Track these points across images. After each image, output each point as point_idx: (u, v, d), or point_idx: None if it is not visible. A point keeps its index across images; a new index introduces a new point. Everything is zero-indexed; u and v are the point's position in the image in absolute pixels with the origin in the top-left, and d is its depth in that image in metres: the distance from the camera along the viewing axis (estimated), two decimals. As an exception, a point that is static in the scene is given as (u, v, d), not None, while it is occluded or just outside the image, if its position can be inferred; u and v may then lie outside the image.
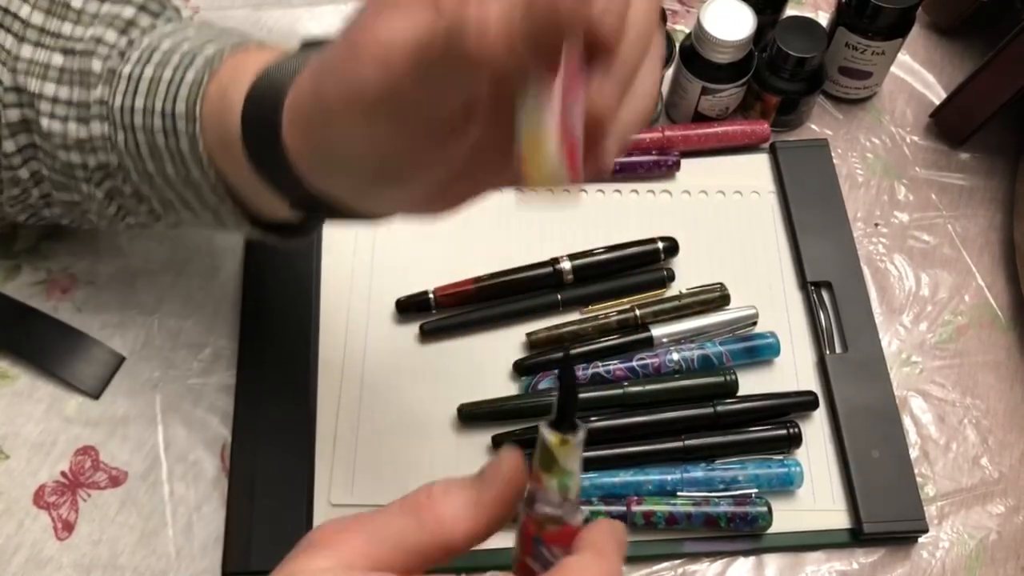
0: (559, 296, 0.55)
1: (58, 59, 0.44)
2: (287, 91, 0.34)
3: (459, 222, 0.58)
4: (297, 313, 0.54)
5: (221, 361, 0.54)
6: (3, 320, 0.54)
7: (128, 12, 0.44)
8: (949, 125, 0.63)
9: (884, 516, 0.49)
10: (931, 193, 0.61)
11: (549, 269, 0.55)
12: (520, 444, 0.50)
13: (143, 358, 0.54)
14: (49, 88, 0.43)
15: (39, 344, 0.53)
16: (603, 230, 0.57)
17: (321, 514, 0.49)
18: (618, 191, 0.59)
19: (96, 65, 0.43)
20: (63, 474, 0.51)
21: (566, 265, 0.55)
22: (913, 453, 0.53)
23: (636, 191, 0.60)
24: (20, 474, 0.51)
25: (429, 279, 0.55)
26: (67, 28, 0.44)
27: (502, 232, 0.58)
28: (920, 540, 0.51)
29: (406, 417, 0.52)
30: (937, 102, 0.63)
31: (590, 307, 0.55)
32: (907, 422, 0.54)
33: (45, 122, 0.44)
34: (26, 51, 0.44)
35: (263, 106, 0.35)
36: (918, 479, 0.51)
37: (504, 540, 0.32)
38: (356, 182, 0.34)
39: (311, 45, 0.38)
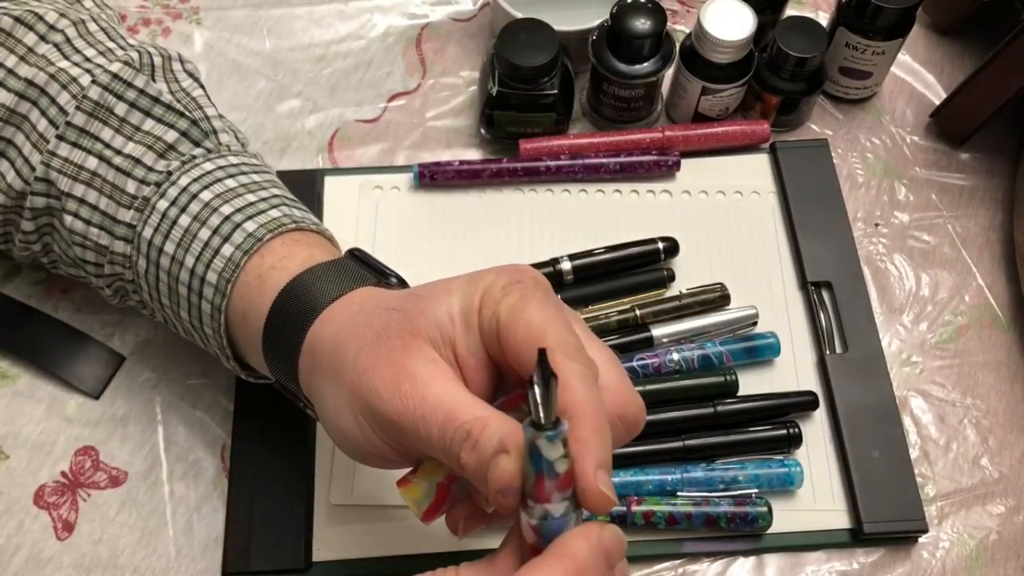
0: (559, 296, 0.55)
1: (92, 163, 0.44)
2: (319, 310, 0.38)
3: (459, 222, 0.58)
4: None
5: (221, 361, 0.54)
6: (3, 320, 0.54)
7: (170, 136, 0.45)
8: (949, 125, 0.63)
9: (884, 516, 0.49)
10: (931, 193, 0.61)
11: (549, 269, 0.55)
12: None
13: (143, 358, 0.54)
14: (79, 189, 0.44)
15: (39, 344, 0.53)
16: (603, 230, 0.57)
17: (321, 514, 0.49)
18: (618, 191, 0.59)
19: (130, 187, 0.44)
20: (63, 474, 0.51)
21: (566, 265, 0.55)
22: (913, 453, 0.53)
23: (636, 191, 0.60)
24: (20, 474, 0.51)
25: (429, 279, 0.55)
26: (107, 134, 0.44)
27: (502, 232, 0.58)
28: (920, 540, 0.51)
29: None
30: (937, 102, 0.63)
31: (590, 307, 0.55)
32: (907, 422, 0.54)
33: (68, 219, 0.45)
34: (63, 149, 0.44)
35: (290, 321, 0.39)
36: (918, 479, 0.51)
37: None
38: (337, 442, 0.39)
39: (355, 258, 0.42)
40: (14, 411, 0.52)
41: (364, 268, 0.41)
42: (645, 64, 0.57)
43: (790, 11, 0.62)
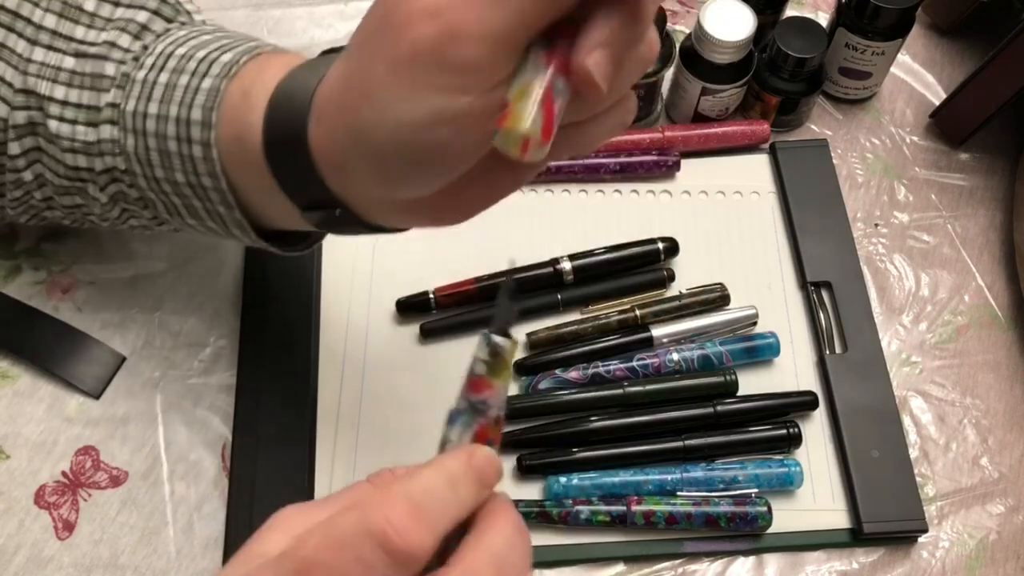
0: (559, 296, 0.55)
1: (70, 62, 0.44)
2: (315, 88, 0.35)
3: (459, 222, 0.58)
4: (297, 313, 0.54)
5: (222, 361, 0.54)
6: (4, 320, 0.54)
7: (142, 16, 0.44)
8: (949, 125, 0.63)
9: (884, 516, 0.49)
10: (931, 193, 0.61)
11: (549, 269, 0.55)
12: (520, 444, 0.51)
13: (144, 358, 0.54)
14: (59, 91, 0.43)
15: (40, 344, 0.53)
16: (603, 230, 0.57)
17: (321, 514, 0.49)
18: (618, 191, 0.60)
19: (109, 69, 0.43)
20: (64, 474, 0.51)
21: (566, 265, 0.55)
22: (913, 453, 0.53)
23: (636, 191, 0.60)
24: (21, 474, 0.51)
25: (429, 279, 0.55)
26: (80, 31, 0.44)
27: (502, 232, 0.58)
28: (920, 540, 0.51)
29: (406, 417, 0.52)
30: (937, 102, 0.63)
31: (590, 307, 0.55)
32: (907, 422, 0.54)
33: (53, 124, 0.44)
34: (38, 54, 0.44)
35: (290, 106, 0.36)
36: (918, 479, 0.51)
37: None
38: (382, 176, 0.34)
39: (331, 52, 0.38)
40: (15, 411, 0.52)
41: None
42: (645, 64, 0.57)
43: (790, 11, 0.62)
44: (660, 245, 0.56)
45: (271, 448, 0.50)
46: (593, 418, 0.51)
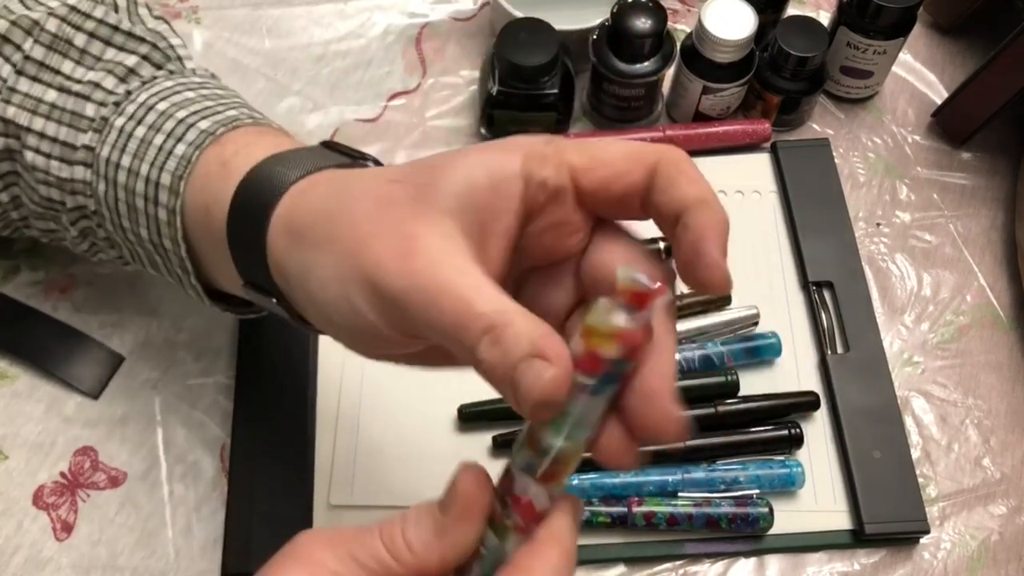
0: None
1: (52, 95, 0.43)
2: (292, 182, 0.35)
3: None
4: (297, 313, 0.54)
5: (220, 361, 0.54)
6: (2, 320, 0.54)
7: (131, 60, 0.44)
8: (951, 124, 0.63)
9: (886, 517, 0.49)
10: (933, 193, 0.61)
11: (549, 269, 0.55)
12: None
13: (142, 358, 0.54)
14: (38, 123, 0.43)
15: (38, 344, 0.53)
16: (604, 230, 0.57)
17: (320, 515, 0.49)
18: (619, 191, 0.59)
19: (89, 110, 0.42)
20: (62, 474, 0.51)
21: (567, 265, 0.55)
22: (915, 453, 0.52)
23: (637, 191, 0.59)
24: (19, 474, 0.50)
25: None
26: (67, 66, 0.44)
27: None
28: (922, 541, 0.51)
29: (406, 417, 0.52)
30: (939, 101, 0.63)
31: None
32: (909, 422, 0.53)
33: (29, 156, 0.43)
34: (23, 84, 0.43)
35: (261, 191, 0.35)
36: (920, 480, 0.51)
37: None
38: (313, 317, 0.35)
39: (328, 146, 0.38)
40: (13, 411, 0.52)
41: (338, 153, 0.38)
42: (646, 63, 0.57)
43: (791, 10, 0.62)
44: (661, 245, 0.56)
45: (270, 449, 0.50)
46: (594, 419, 0.51)
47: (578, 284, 0.33)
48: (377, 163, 0.39)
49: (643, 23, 0.56)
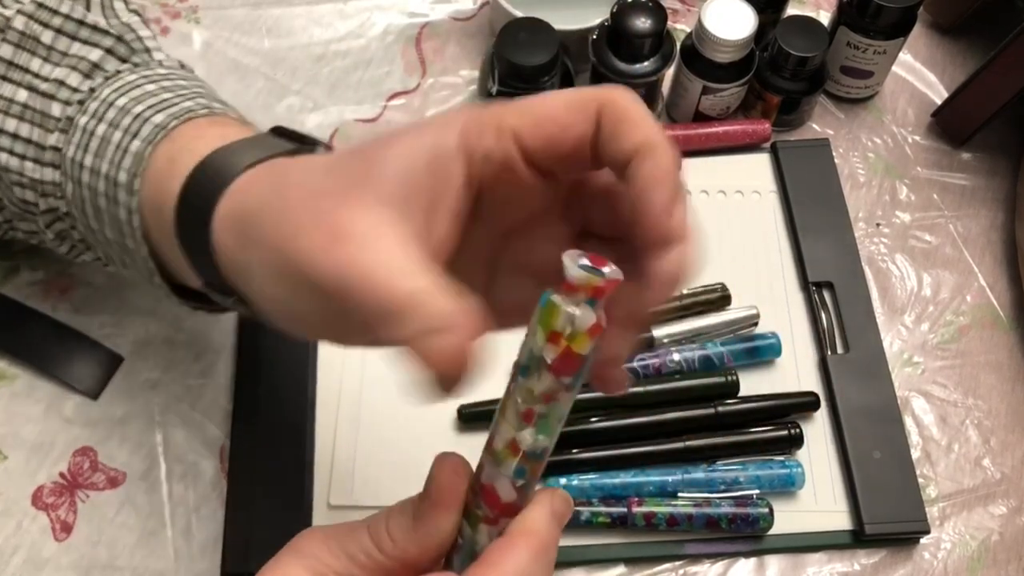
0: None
1: (23, 95, 0.43)
2: (240, 171, 0.34)
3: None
4: (296, 313, 0.54)
5: (220, 361, 0.54)
6: (2, 320, 0.54)
7: (95, 55, 0.43)
8: (951, 124, 0.63)
9: (886, 517, 0.49)
10: (933, 193, 0.61)
11: (549, 269, 0.55)
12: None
13: (141, 358, 0.54)
14: (11, 124, 0.43)
15: (37, 345, 0.53)
16: (604, 230, 0.57)
17: (320, 516, 0.49)
18: (619, 191, 0.59)
19: (55, 109, 0.42)
20: (62, 475, 0.51)
21: (566, 265, 0.55)
22: (915, 454, 0.52)
23: (637, 191, 0.59)
24: (18, 475, 0.50)
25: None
26: (36, 64, 0.43)
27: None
28: (922, 541, 0.51)
29: (406, 418, 0.52)
30: (939, 101, 0.63)
31: (590, 307, 0.55)
32: (909, 423, 0.53)
33: (3, 157, 0.43)
34: None
35: (205, 183, 0.35)
36: (920, 480, 0.51)
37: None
38: (260, 309, 0.35)
39: (277, 132, 0.37)
40: (12, 412, 0.52)
41: (286, 139, 0.37)
42: (645, 63, 0.57)
43: (791, 10, 0.62)
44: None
45: (270, 449, 0.50)
46: (593, 419, 0.51)
47: (570, 230, 0.33)
48: (328, 148, 0.38)
49: (643, 23, 0.56)
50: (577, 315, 0.27)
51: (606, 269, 0.27)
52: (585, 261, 0.27)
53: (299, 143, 0.37)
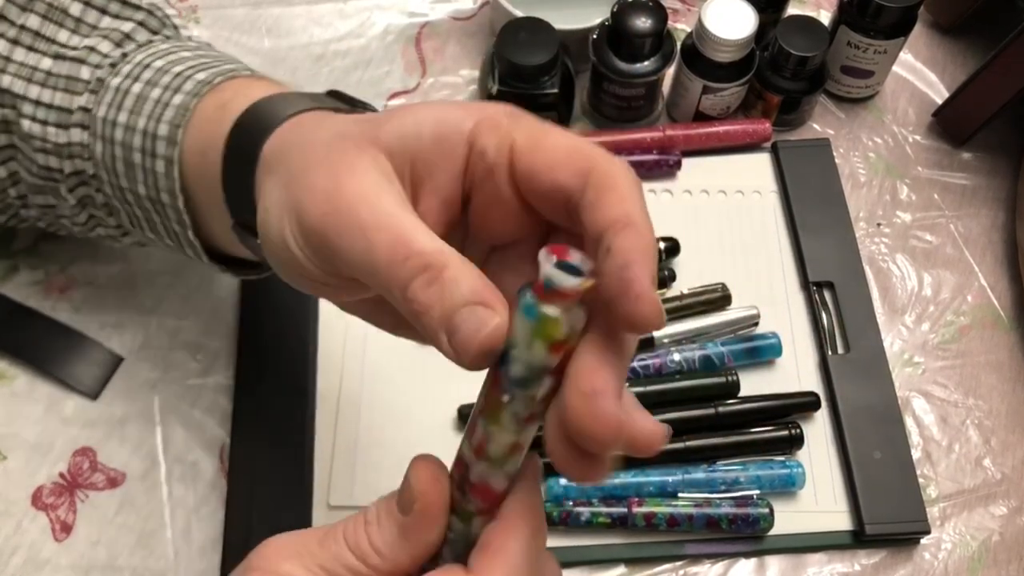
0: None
1: (47, 63, 0.43)
2: (285, 117, 0.34)
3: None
4: (296, 312, 0.54)
5: (219, 361, 0.54)
6: (1, 320, 0.54)
7: (127, 27, 0.44)
8: (951, 124, 0.63)
9: (886, 517, 0.49)
10: (933, 193, 0.61)
11: (549, 269, 0.55)
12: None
13: (141, 359, 0.54)
14: (33, 90, 0.43)
15: (37, 345, 0.53)
16: (604, 230, 0.57)
17: (320, 515, 0.49)
18: (619, 191, 0.59)
19: (85, 73, 0.43)
20: (61, 475, 0.51)
21: (567, 265, 0.55)
22: (915, 454, 0.52)
23: (637, 191, 0.59)
24: (18, 475, 0.50)
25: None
26: (63, 35, 0.44)
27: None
28: (922, 541, 0.50)
29: (406, 418, 0.52)
30: (939, 101, 0.63)
31: (591, 307, 0.55)
32: (909, 423, 0.53)
33: (26, 124, 0.43)
34: (18, 54, 0.44)
35: (255, 125, 0.35)
36: (920, 480, 0.51)
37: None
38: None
39: (335, 96, 0.38)
40: (12, 412, 0.52)
41: (337, 99, 0.38)
42: (646, 63, 0.57)
43: (792, 10, 0.62)
44: (661, 245, 0.56)
45: (269, 450, 0.50)
46: (594, 419, 0.51)
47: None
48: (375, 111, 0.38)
49: (643, 22, 0.56)
50: (576, 321, 0.27)
51: (583, 266, 0.26)
52: (566, 260, 0.26)
53: (351, 106, 0.38)
